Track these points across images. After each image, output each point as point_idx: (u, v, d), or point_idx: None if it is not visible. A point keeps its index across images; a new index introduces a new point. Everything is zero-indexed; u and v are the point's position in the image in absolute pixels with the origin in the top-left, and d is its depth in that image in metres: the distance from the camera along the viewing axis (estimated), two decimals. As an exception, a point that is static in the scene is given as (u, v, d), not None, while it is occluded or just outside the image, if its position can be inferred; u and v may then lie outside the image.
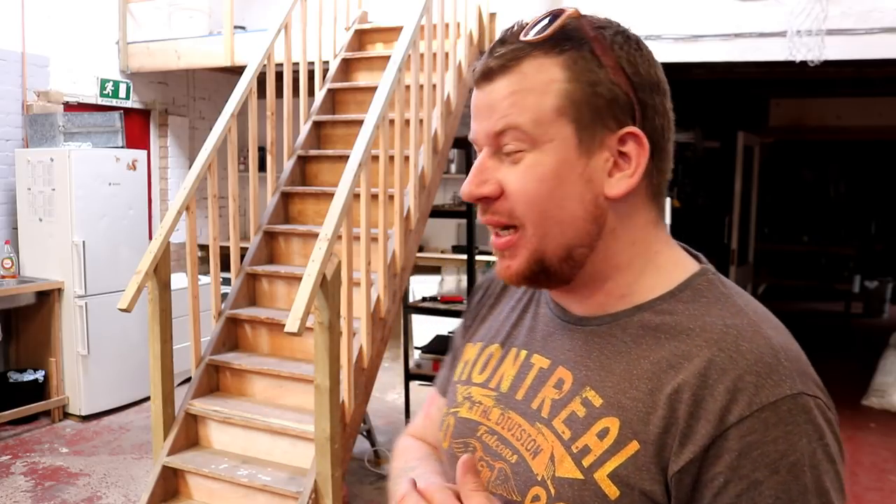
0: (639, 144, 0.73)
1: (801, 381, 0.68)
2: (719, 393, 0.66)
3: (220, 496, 3.18)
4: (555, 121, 0.72)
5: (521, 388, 0.80)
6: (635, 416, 0.70)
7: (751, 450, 0.65)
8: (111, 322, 4.82)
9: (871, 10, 3.73)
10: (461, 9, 4.25)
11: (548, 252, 0.74)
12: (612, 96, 0.72)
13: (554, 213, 0.73)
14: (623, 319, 0.75)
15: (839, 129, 7.53)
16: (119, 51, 5.68)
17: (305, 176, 4.21)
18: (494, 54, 0.74)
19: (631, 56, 0.74)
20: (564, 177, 0.72)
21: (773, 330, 0.72)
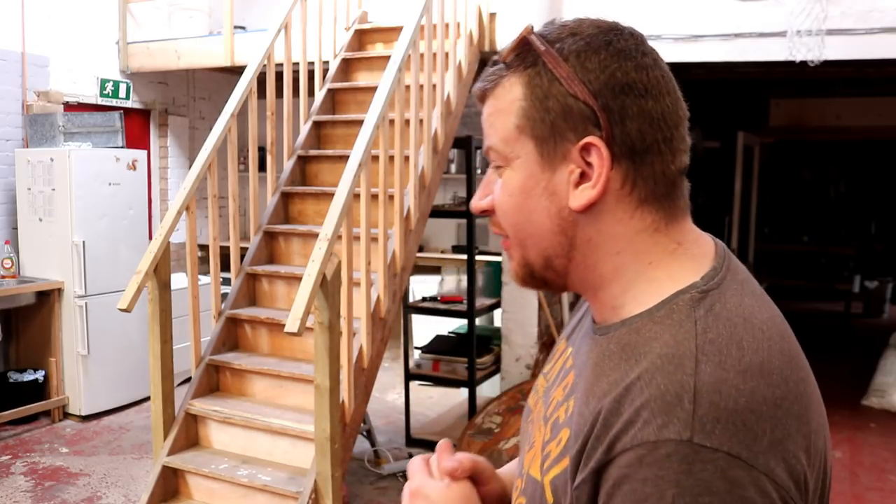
0: (598, 155, 0.71)
1: (702, 430, 0.60)
2: (620, 421, 0.64)
3: (220, 496, 3.18)
4: (518, 138, 0.74)
5: (554, 386, 0.83)
6: (576, 432, 0.69)
7: (622, 483, 0.63)
8: (111, 322, 4.82)
9: (871, 10, 3.73)
10: (461, 9, 4.25)
11: (530, 259, 0.77)
12: (565, 108, 0.71)
13: (524, 225, 0.76)
14: (611, 333, 0.73)
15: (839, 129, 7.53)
16: (119, 51, 5.69)
17: (305, 176, 4.21)
18: (483, 77, 0.78)
19: (589, 63, 0.71)
20: (530, 191, 0.74)
21: (715, 367, 0.63)
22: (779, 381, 0.65)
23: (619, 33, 0.75)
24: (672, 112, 0.73)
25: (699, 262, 0.74)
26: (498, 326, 4.83)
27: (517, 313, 4.52)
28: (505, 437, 3.87)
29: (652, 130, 0.71)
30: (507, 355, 4.56)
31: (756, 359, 0.65)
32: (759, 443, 0.61)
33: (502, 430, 3.94)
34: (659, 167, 0.72)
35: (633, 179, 0.72)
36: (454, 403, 5.03)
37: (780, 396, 0.64)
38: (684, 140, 0.74)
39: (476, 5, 4.38)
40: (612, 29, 0.76)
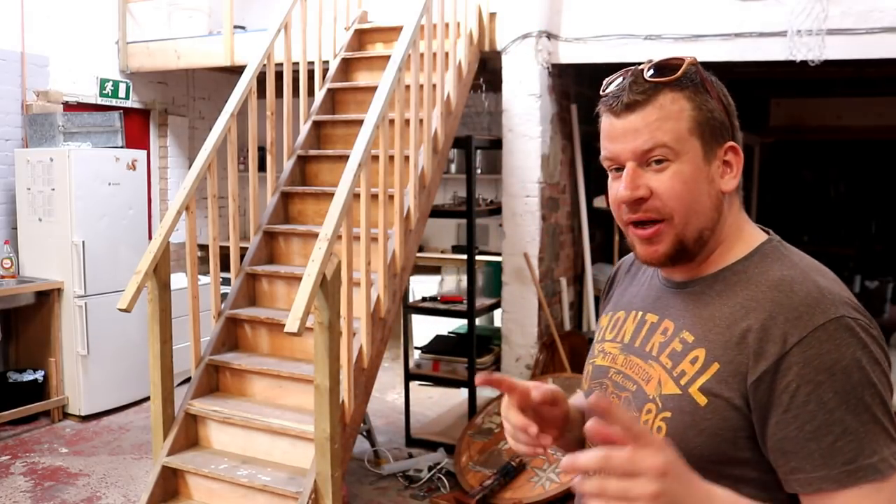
0: (736, 154, 1.03)
1: (842, 308, 0.91)
2: (781, 322, 0.91)
3: (220, 496, 3.18)
4: (688, 139, 0.99)
5: (639, 338, 1.08)
6: (717, 345, 0.96)
7: (811, 360, 0.88)
8: (111, 322, 4.81)
9: (871, 9, 3.73)
10: (461, 9, 4.24)
11: (687, 236, 1.00)
12: (721, 120, 1.01)
13: (693, 206, 0.99)
14: (711, 279, 1.03)
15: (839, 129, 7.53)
16: (119, 51, 5.68)
17: (305, 176, 4.21)
18: (633, 90, 0.99)
19: (723, 90, 1.04)
20: (698, 179, 0.99)
21: (820, 276, 0.96)
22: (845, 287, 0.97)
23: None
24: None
25: (758, 228, 1.08)
26: (498, 326, 4.82)
27: (517, 313, 4.51)
28: (505, 437, 3.87)
29: (741, 143, 1.05)
30: (507, 355, 4.56)
31: (826, 270, 0.99)
32: (861, 310, 0.94)
33: (502, 429, 3.93)
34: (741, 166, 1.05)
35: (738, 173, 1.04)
36: (454, 403, 5.03)
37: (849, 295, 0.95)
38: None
39: (476, 5, 4.38)
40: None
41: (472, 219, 4.25)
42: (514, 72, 4.41)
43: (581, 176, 4.99)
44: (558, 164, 4.73)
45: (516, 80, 4.41)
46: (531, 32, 4.32)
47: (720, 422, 0.94)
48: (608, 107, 1.02)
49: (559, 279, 4.84)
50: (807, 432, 0.88)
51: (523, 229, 4.47)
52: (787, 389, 0.89)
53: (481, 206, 4.75)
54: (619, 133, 1.01)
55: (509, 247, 4.52)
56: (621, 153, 1.01)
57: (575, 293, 5.11)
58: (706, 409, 0.95)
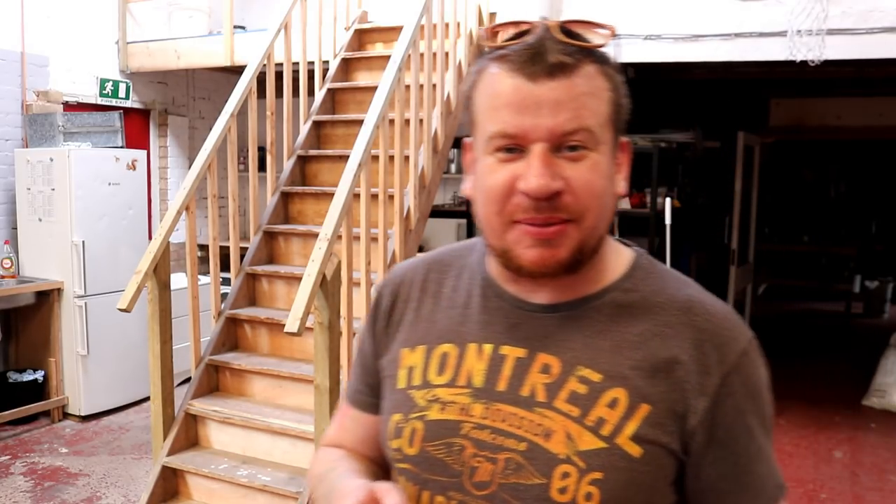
0: (626, 152, 0.86)
1: (746, 327, 0.85)
2: (710, 350, 0.81)
3: (220, 496, 3.18)
4: (606, 126, 0.80)
5: (501, 380, 0.83)
6: (639, 382, 0.80)
7: (740, 389, 0.81)
8: (111, 322, 4.81)
9: (872, 9, 3.73)
10: (461, 9, 4.24)
11: (589, 242, 0.81)
12: (625, 109, 0.83)
13: (604, 206, 0.81)
14: (595, 301, 0.84)
15: (839, 129, 7.53)
16: (119, 51, 5.68)
17: (305, 176, 4.21)
18: (555, 49, 0.77)
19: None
20: (609, 175, 0.82)
21: (710, 294, 0.87)
22: None
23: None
24: None
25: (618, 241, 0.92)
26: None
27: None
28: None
29: None
30: (507, 355, 4.55)
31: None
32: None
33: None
34: None
35: None
36: (454, 403, 5.02)
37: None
38: None
39: (476, 5, 4.38)
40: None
41: (472, 219, 4.25)
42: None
43: (581, 176, 4.98)
44: (558, 164, 4.72)
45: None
46: (531, 32, 4.31)
47: (657, 471, 0.80)
48: (517, 64, 0.77)
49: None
50: (741, 466, 0.82)
51: (523, 229, 4.46)
52: (721, 423, 0.80)
53: (481, 206, 4.74)
54: (531, 102, 0.76)
55: (509, 247, 4.51)
56: (532, 130, 0.76)
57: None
58: (642, 460, 0.79)
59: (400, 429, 0.87)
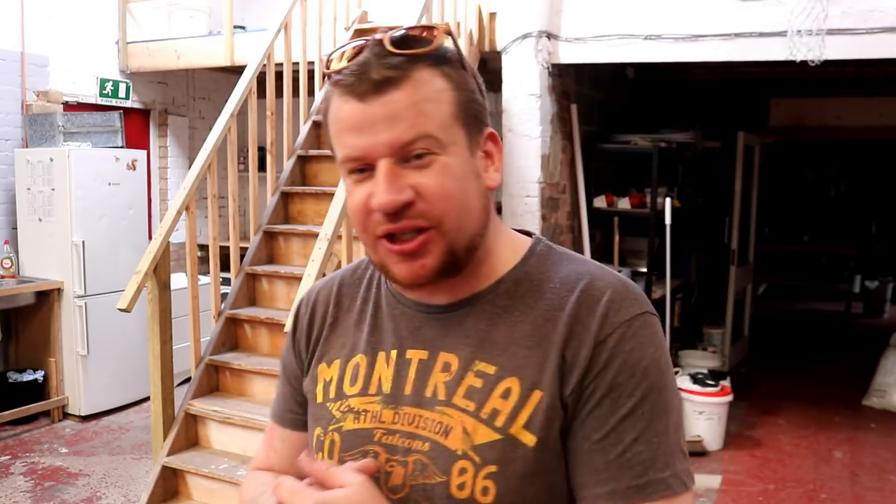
0: (496, 143, 0.86)
1: (645, 303, 0.82)
2: (590, 322, 0.79)
3: (220, 496, 3.18)
4: (453, 125, 0.80)
5: (407, 384, 0.85)
6: (531, 369, 0.79)
7: (612, 361, 0.78)
8: (111, 322, 4.81)
9: (871, 9, 3.73)
10: (461, 9, 4.24)
11: (458, 244, 0.81)
12: (479, 102, 0.84)
13: (465, 206, 0.81)
14: (489, 295, 0.85)
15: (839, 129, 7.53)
16: (119, 51, 5.68)
17: (305, 176, 4.21)
18: (379, 65, 0.78)
19: (473, 70, 0.85)
20: (467, 174, 0.81)
21: (611, 270, 0.86)
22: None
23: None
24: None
25: (518, 232, 0.92)
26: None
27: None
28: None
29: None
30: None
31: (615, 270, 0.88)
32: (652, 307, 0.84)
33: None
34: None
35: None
36: (454, 403, 5.02)
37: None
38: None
39: (476, 5, 4.38)
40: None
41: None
42: (514, 72, 4.41)
43: (581, 176, 4.99)
44: (558, 164, 4.73)
45: (516, 80, 4.41)
46: (531, 32, 4.32)
47: (554, 458, 0.78)
48: (347, 88, 0.78)
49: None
50: (593, 441, 0.77)
51: (523, 229, 4.46)
52: (587, 394, 0.77)
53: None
54: (366, 122, 0.77)
55: (509, 247, 4.51)
56: (373, 148, 0.78)
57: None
58: (538, 448, 0.78)
59: (321, 442, 0.89)
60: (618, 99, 5.79)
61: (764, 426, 4.79)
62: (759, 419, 4.91)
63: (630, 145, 5.17)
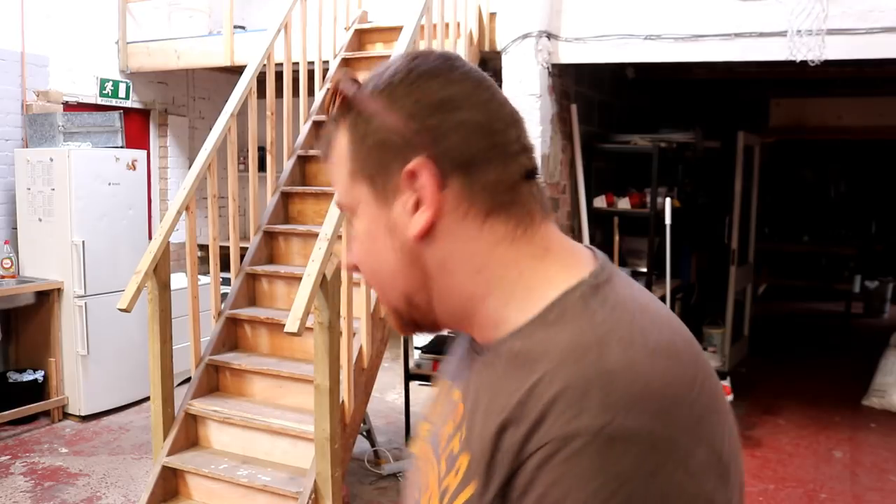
0: (425, 175, 0.68)
1: (617, 415, 0.56)
2: (526, 424, 0.59)
3: (220, 496, 3.18)
4: (353, 184, 0.73)
5: (441, 420, 0.77)
6: (479, 453, 0.64)
7: (530, 489, 0.57)
8: (111, 322, 4.81)
9: (872, 9, 3.73)
10: (461, 9, 4.24)
11: (394, 304, 0.75)
12: (383, 141, 0.70)
13: (377, 269, 0.74)
14: (499, 348, 0.68)
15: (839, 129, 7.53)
16: (119, 50, 5.68)
17: (305, 176, 4.21)
18: (320, 146, 0.78)
19: (397, 91, 0.71)
20: (375, 233, 0.72)
21: (622, 351, 0.59)
22: (689, 361, 0.62)
23: (425, 57, 0.73)
24: (495, 118, 0.71)
25: (576, 265, 0.69)
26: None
27: (517, 313, 4.51)
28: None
29: (476, 140, 0.69)
30: (507, 355, 4.55)
31: (662, 340, 0.62)
32: (680, 421, 0.57)
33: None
34: (494, 175, 0.69)
35: (469, 192, 0.69)
36: (454, 403, 5.02)
37: (692, 376, 0.61)
38: (518, 142, 0.71)
39: (476, 5, 4.38)
40: (418, 55, 0.74)
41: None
42: (514, 72, 4.41)
43: (581, 176, 4.99)
44: (558, 164, 4.73)
45: (516, 80, 4.41)
46: (531, 32, 4.32)
47: None
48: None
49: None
50: None
51: (523, 229, 4.46)
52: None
53: (481, 206, 4.74)
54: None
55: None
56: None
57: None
58: None
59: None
60: (618, 99, 5.79)
61: (764, 426, 4.79)
62: (759, 419, 4.91)
63: (630, 145, 5.17)
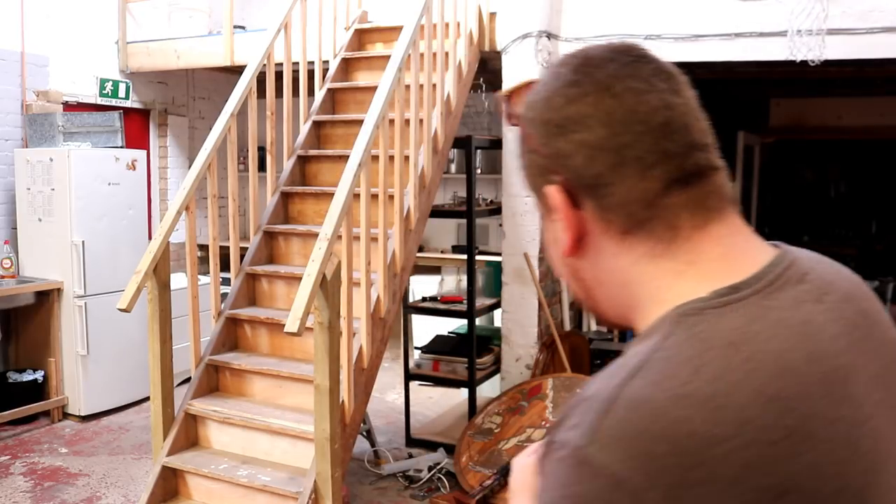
0: (555, 199, 0.70)
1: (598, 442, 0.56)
2: (561, 417, 0.63)
3: (220, 496, 3.18)
4: (533, 196, 0.76)
5: None
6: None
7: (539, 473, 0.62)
8: (111, 322, 4.81)
9: (871, 9, 3.73)
10: (461, 8, 4.24)
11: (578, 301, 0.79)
12: (531, 164, 0.73)
13: (556, 271, 0.79)
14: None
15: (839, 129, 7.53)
16: (118, 50, 5.68)
17: (305, 176, 4.21)
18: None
19: (535, 113, 0.72)
20: (549, 240, 0.76)
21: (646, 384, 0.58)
22: (734, 421, 0.56)
23: (559, 67, 0.72)
24: (622, 129, 0.67)
25: (718, 278, 0.65)
26: (498, 326, 4.82)
27: (517, 313, 4.51)
28: (505, 438, 3.87)
29: (599, 159, 0.67)
30: (507, 355, 4.55)
31: (710, 389, 0.57)
32: (660, 477, 0.54)
33: (502, 430, 3.94)
34: (624, 193, 0.67)
35: (602, 212, 0.68)
36: (454, 403, 5.03)
37: (722, 439, 0.55)
38: (656, 151, 0.67)
39: (476, 5, 4.38)
40: (561, 64, 0.73)
41: (472, 219, 4.25)
42: (514, 72, 4.41)
43: (581, 176, 4.98)
44: (558, 164, 4.72)
45: (516, 80, 4.40)
46: (531, 32, 4.32)
47: None
48: None
49: (559, 279, 4.84)
50: None
51: (523, 229, 4.46)
52: None
53: (481, 206, 4.75)
54: None
55: (509, 247, 4.52)
56: None
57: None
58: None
59: None
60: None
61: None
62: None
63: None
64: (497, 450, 3.82)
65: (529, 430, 3.85)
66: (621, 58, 0.70)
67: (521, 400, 4.08)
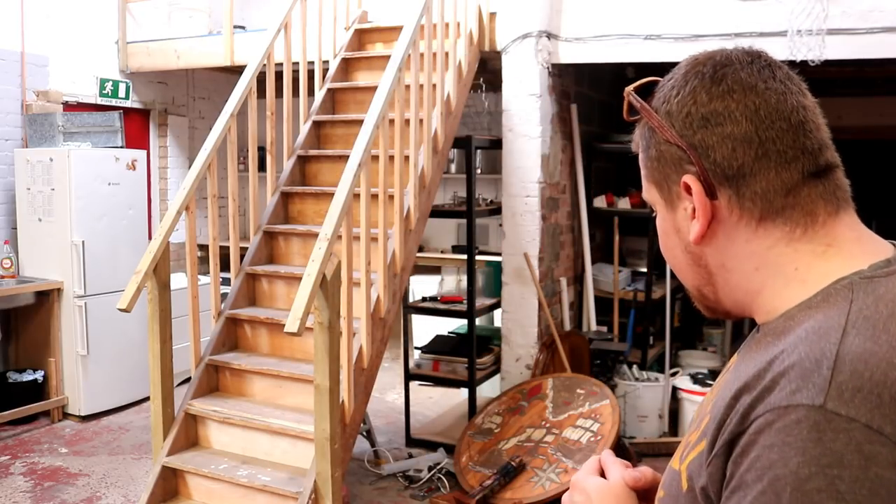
0: (693, 189, 0.75)
1: (839, 397, 0.59)
2: (757, 390, 0.64)
3: (220, 496, 3.18)
4: (649, 187, 0.82)
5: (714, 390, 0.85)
6: (716, 415, 0.69)
7: (748, 450, 0.62)
8: (111, 322, 4.81)
9: (872, 9, 3.73)
10: (461, 8, 4.24)
11: (689, 291, 0.83)
12: (663, 154, 0.78)
13: (672, 262, 0.83)
14: (767, 328, 0.74)
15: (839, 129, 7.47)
16: (118, 50, 5.68)
17: (305, 176, 4.21)
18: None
19: (672, 107, 0.77)
20: (666, 231, 0.81)
21: (865, 339, 0.62)
22: None
23: (702, 65, 0.77)
24: (766, 125, 0.73)
25: (862, 257, 0.72)
26: (498, 326, 4.82)
27: (517, 313, 4.51)
28: (505, 438, 3.87)
29: (742, 151, 0.73)
30: (507, 355, 4.55)
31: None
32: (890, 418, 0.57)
33: (502, 430, 3.94)
34: (764, 183, 0.73)
35: (740, 201, 0.74)
36: (454, 403, 5.03)
37: None
38: (795, 146, 0.73)
39: (476, 5, 4.38)
40: (696, 63, 0.78)
41: (472, 219, 4.25)
42: (514, 72, 4.41)
43: (581, 176, 4.99)
44: (558, 164, 4.73)
45: (516, 80, 4.41)
46: (531, 32, 4.32)
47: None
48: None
49: (559, 279, 4.84)
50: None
51: (523, 229, 4.47)
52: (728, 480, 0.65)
53: (481, 206, 4.75)
54: None
55: (509, 247, 4.52)
56: None
57: (575, 293, 5.11)
58: (686, 496, 0.72)
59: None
60: (618, 99, 5.79)
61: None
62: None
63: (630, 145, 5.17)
64: (497, 450, 3.82)
65: (529, 430, 3.85)
66: (758, 61, 0.77)
67: (521, 400, 4.08)
